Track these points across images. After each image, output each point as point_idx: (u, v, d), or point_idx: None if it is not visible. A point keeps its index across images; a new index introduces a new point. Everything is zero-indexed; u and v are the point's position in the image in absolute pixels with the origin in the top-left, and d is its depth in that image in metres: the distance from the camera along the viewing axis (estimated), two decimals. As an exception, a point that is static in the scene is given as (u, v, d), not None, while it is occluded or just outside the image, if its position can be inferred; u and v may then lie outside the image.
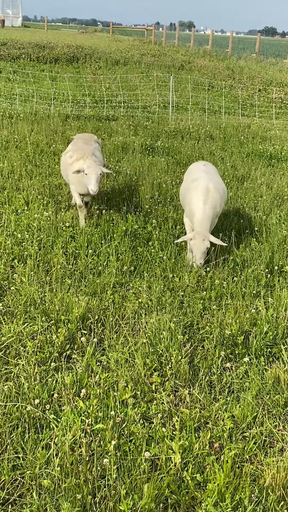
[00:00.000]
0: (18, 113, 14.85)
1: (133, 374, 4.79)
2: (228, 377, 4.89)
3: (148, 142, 12.70)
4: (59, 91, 18.08)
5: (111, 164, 10.77)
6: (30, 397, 4.40)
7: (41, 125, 13.71)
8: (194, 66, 28.96)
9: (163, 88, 20.31)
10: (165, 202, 8.95)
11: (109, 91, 19.00)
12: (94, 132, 13.52)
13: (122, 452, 3.91)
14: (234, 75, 25.00)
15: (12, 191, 8.97)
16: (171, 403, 4.52)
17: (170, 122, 15.54)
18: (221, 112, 17.61)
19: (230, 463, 3.81)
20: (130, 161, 11.15)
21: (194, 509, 3.64)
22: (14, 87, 18.03)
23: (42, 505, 3.53)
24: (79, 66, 26.76)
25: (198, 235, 6.58)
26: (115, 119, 15.75)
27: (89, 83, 20.42)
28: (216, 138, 14.00)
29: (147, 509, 3.49)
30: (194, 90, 20.19)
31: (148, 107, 17.57)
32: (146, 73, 24.00)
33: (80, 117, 15.42)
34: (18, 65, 24.85)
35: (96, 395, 4.45)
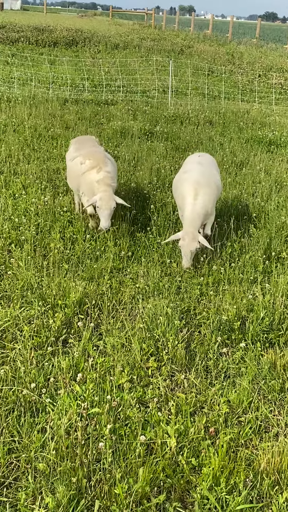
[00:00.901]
0: (16, 97, 14.75)
1: (130, 358, 4.80)
2: (224, 362, 4.89)
3: (147, 127, 12.64)
4: (57, 75, 17.96)
5: (109, 149, 10.72)
6: (26, 381, 4.40)
7: (39, 109, 13.62)
8: (194, 50, 28.77)
9: (162, 72, 20.17)
10: (163, 187, 8.92)
11: (108, 75, 18.88)
12: (93, 117, 13.45)
13: (117, 436, 3.92)
14: (234, 60, 24.84)
15: (10, 175, 8.93)
16: (167, 388, 4.53)
17: (169, 107, 15.46)
18: (221, 97, 17.51)
19: (225, 447, 3.82)
20: (128, 146, 11.10)
21: (189, 493, 3.65)
22: (12, 71, 17.90)
23: (37, 488, 3.54)
24: (78, 50, 26.57)
25: (187, 235, 6.18)
26: (114, 103, 15.66)
27: (88, 67, 20.27)
28: (216, 124, 13.94)
29: (142, 493, 3.50)
30: (193, 75, 20.07)
31: (147, 91, 17.47)
32: (145, 58, 23.84)
33: (78, 101, 15.33)
34: (16, 48, 24.67)
35: (92, 379, 4.46)
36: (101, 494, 3.50)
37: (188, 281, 6.15)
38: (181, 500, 3.61)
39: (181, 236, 6.23)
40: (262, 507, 3.57)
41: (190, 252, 6.18)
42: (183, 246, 6.20)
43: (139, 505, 3.47)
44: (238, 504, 3.47)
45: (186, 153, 11.03)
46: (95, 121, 13.19)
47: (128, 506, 3.42)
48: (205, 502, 3.53)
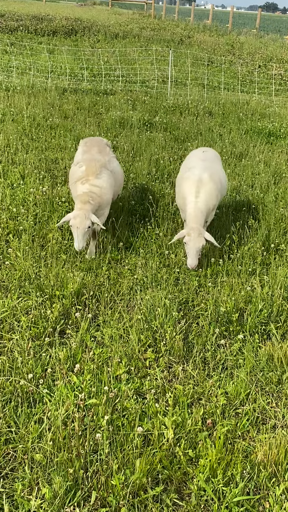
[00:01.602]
0: (14, 86, 14.67)
1: (127, 350, 4.79)
2: (222, 354, 4.88)
3: (146, 117, 12.58)
4: (56, 64, 17.86)
5: (108, 139, 10.66)
6: (23, 372, 4.39)
7: (38, 98, 13.55)
8: (194, 41, 28.62)
9: (162, 62, 20.07)
10: (162, 178, 8.89)
11: (108, 65, 18.78)
12: (92, 107, 13.38)
13: (114, 427, 3.92)
14: (234, 51, 24.71)
15: (8, 164, 8.88)
16: (165, 379, 4.52)
17: (169, 97, 15.38)
18: (220, 88, 17.43)
19: (222, 439, 3.82)
20: (127, 137, 11.05)
21: (185, 484, 3.65)
22: (11, 60, 17.79)
23: (34, 478, 3.54)
24: (77, 39, 26.41)
25: (193, 231, 5.98)
26: (113, 93, 15.58)
27: (87, 56, 20.17)
28: (215, 114, 13.87)
29: (139, 484, 3.50)
30: (193, 65, 19.97)
31: (147, 81, 17.38)
32: (145, 47, 23.72)
33: (77, 90, 15.25)
34: (15, 37, 24.52)
35: (89, 370, 4.45)
36: (98, 485, 3.49)
37: (186, 273, 6.13)
38: (178, 491, 3.61)
39: (186, 232, 6.02)
40: (259, 499, 3.57)
41: (196, 249, 5.95)
42: (189, 242, 5.96)
43: (136, 496, 3.47)
44: (235, 496, 3.47)
45: (185, 143, 11.00)
46: (94, 111, 13.12)
47: (125, 497, 3.41)
48: (202, 494, 3.53)
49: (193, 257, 5.94)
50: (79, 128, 11.24)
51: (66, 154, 9.58)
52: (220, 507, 3.42)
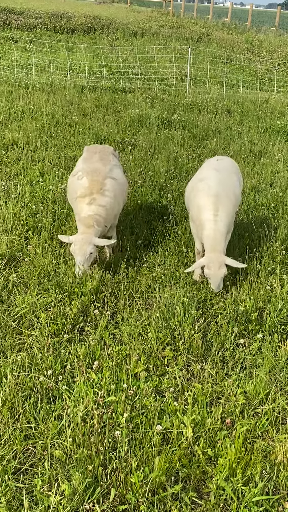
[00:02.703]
0: (34, 84, 14.72)
1: (146, 347, 4.79)
2: (241, 353, 4.87)
3: (165, 115, 12.56)
4: (75, 62, 17.89)
5: (126, 137, 10.67)
6: (43, 368, 4.41)
7: (57, 96, 13.59)
8: (213, 38, 28.52)
9: (180, 60, 20.03)
10: (180, 176, 8.87)
11: (126, 63, 18.77)
12: (110, 104, 13.38)
13: (133, 425, 3.92)
14: (253, 49, 24.59)
15: (27, 162, 8.93)
16: (183, 378, 4.52)
17: (187, 95, 15.34)
18: (239, 86, 17.36)
19: (241, 438, 3.81)
20: (146, 134, 11.04)
21: (204, 483, 3.65)
22: (30, 57, 17.86)
23: (53, 475, 3.55)
24: (96, 37, 26.43)
25: (212, 263, 5.46)
26: (131, 91, 15.58)
27: (106, 54, 20.18)
28: (234, 113, 13.82)
29: (158, 482, 3.50)
30: (212, 63, 19.90)
31: (165, 79, 17.34)
32: (163, 45, 23.68)
33: (96, 88, 15.27)
34: (34, 34, 24.59)
35: (108, 367, 4.46)
36: (117, 482, 3.50)
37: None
38: (197, 490, 3.61)
39: (205, 263, 5.50)
40: (278, 499, 3.55)
41: (219, 280, 5.54)
42: (210, 275, 5.53)
43: (155, 494, 3.47)
44: (254, 495, 3.46)
45: (204, 142, 10.97)
46: (113, 108, 13.13)
47: (144, 495, 3.42)
48: (221, 493, 3.53)
49: (217, 285, 5.58)
50: (98, 126, 11.26)
51: (85, 152, 9.58)
52: (239, 507, 3.42)
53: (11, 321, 5.03)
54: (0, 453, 3.67)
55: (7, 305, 5.27)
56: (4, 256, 5.95)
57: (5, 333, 4.90)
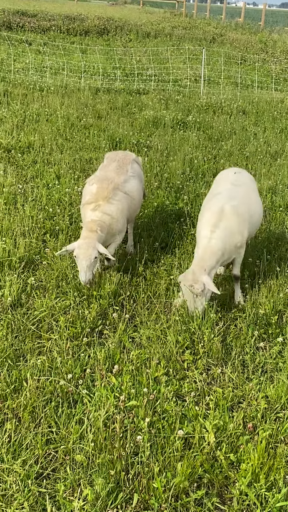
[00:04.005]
0: (48, 86, 14.76)
1: (165, 351, 4.77)
2: (261, 356, 4.83)
3: (179, 116, 12.54)
4: (89, 64, 17.91)
5: (142, 139, 10.65)
6: (62, 372, 4.41)
7: (71, 98, 13.61)
8: (226, 39, 28.44)
9: (194, 61, 20.00)
10: (196, 178, 8.85)
11: (140, 64, 18.77)
12: (125, 106, 13.38)
13: (155, 430, 3.90)
14: (267, 49, 24.50)
15: (43, 165, 8.94)
16: (204, 382, 4.49)
17: (202, 96, 15.31)
18: (254, 86, 17.30)
19: (264, 443, 3.77)
20: (161, 136, 11.03)
21: (227, 488, 3.62)
22: (44, 60, 17.90)
23: (75, 479, 3.55)
24: (109, 39, 26.46)
25: (188, 275, 5.07)
26: (145, 92, 15.58)
27: (120, 56, 20.20)
28: (249, 113, 13.77)
29: (181, 487, 3.48)
30: (226, 63, 19.84)
31: (179, 80, 17.33)
32: (177, 46, 23.65)
33: (110, 90, 15.28)
34: (48, 37, 24.66)
35: (128, 371, 4.45)
36: (140, 487, 3.49)
37: (224, 274, 6.09)
38: (220, 495, 3.59)
39: (181, 278, 5.13)
40: (302, 505, 3.51)
41: (188, 298, 5.06)
42: (182, 288, 5.11)
43: (178, 499, 3.46)
44: (278, 501, 3.43)
45: (219, 143, 10.94)
46: (127, 110, 13.13)
47: (167, 500, 3.40)
48: (244, 498, 3.50)
49: (189, 303, 5.07)
50: (113, 128, 11.26)
51: (100, 154, 9.59)
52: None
53: (30, 324, 5.03)
54: (22, 457, 3.67)
55: (26, 308, 5.28)
56: (22, 260, 5.96)
57: (24, 337, 4.90)
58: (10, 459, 3.65)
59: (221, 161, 9.70)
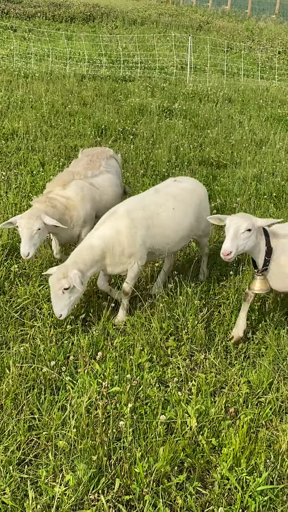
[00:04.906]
0: (33, 73, 14.63)
1: (149, 338, 4.78)
2: (244, 342, 4.85)
3: (165, 104, 12.49)
4: (74, 51, 17.77)
5: (127, 126, 10.60)
6: (46, 359, 4.41)
7: (56, 85, 13.51)
8: (213, 27, 28.30)
9: (180, 49, 19.90)
10: (182, 166, 8.83)
11: (126, 51, 18.65)
12: (111, 93, 13.30)
13: (138, 415, 3.92)
14: (254, 37, 24.43)
15: (28, 152, 8.88)
16: (187, 368, 4.51)
17: (188, 84, 15.25)
18: (240, 74, 17.26)
19: (245, 428, 3.80)
20: (147, 124, 10.99)
21: (209, 473, 3.65)
22: (29, 46, 17.74)
23: (57, 465, 3.55)
24: (95, 26, 26.23)
25: (55, 274, 4.63)
26: (131, 80, 15.49)
27: (106, 42, 20.04)
28: (235, 101, 13.74)
29: (163, 472, 3.50)
30: (212, 51, 19.76)
31: (165, 68, 17.24)
32: (163, 33, 23.52)
33: (96, 77, 15.17)
34: (33, 23, 24.41)
35: (112, 358, 4.45)
36: (122, 472, 3.50)
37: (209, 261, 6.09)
38: (201, 479, 3.61)
39: (54, 269, 4.72)
40: (283, 488, 3.55)
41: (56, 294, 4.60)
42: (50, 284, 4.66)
43: (160, 484, 3.47)
44: (259, 485, 3.46)
45: (205, 131, 10.91)
46: (113, 97, 13.05)
47: (149, 485, 3.42)
48: (225, 482, 3.53)
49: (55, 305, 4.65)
50: (98, 115, 11.19)
51: (85, 141, 9.55)
52: (244, 496, 3.42)
53: (13, 312, 5.02)
54: (4, 444, 3.67)
55: (9, 296, 5.26)
56: (5, 247, 5.93)
57: (7, 324, 4.89)
58: (-8, 446, 3.65)
59: (206, 149, 9.68)
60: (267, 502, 3.43)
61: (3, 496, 3.32)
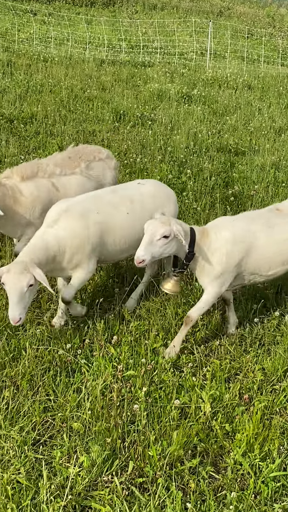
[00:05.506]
0: (52, 57, 14.61)
1: (164, 323, 4.79)
2: (259, 330, 4.85)
3: (184, 90, 12.42)
4: (94, 35, 17.71)
5: (146, 112, 10.56)
6: (62, 342, 4.43)
7: (75, 69, 13.48)
8: (233, 12, 28.03)
9: (201, 34, 19.74)
10: (200, 152, 8.79)
11: (146, 37, 18.54)
12: (130, 79, 13.24)
13: (152, 399, 3.94)
14: (275, 23, 24.18)
15: (46, 136, 8.89)
16: (202, 353, 4.52)
17: (207, 70, 15.16)
18: (260, 61, 17.10)
19: (259, 414, 3.81)
20: (165, 109, 10.94)
21: (222, 458, 3.66)
22: (49, 30, 17.70)
23: (72, 447, 3.59)
24: (115, 10, 26.07)
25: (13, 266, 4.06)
26: (151, 65, 15.41)
27: (125, 27, 19.93)
28: (254, 88, 13.63)
29: (176, 456, 3.52)
30: (232, 37, 19.58)
31: (185, 54, 17.13)
32: (183, 19, 23.33)
33: (115, 62, 15.12)
34: (53, 7, 24.31)
35: (127, 342, 4.47)
36: (135, 455, 3.53)
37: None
38: (214, 464, 3.63)
39: (5, 269, 4.06)
40: (296, 475, 3.56)
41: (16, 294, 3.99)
42: (6, 283, 4.02)
43: (173, 467, 3.50)
44: (272, 471, 3.47)
45: (224, 117, 10.85)
46: (132, 83, 13.00)
47: (162, 468, 3.44)
48: (238, 468, 3.55)
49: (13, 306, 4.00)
50: (117, 100, 11.16)
51: (103, 126, 9.54)
52: (257, 482, 3.43)
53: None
54: (20, 424, 3.71)
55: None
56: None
57: (24, 307, 4.91)
58: (8, 426, 3.70)
59: (225, 136, 9.63)
60: (280, 488, 3.44)
61: (18, 476, 3.36)
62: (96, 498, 3.29)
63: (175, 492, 3.29)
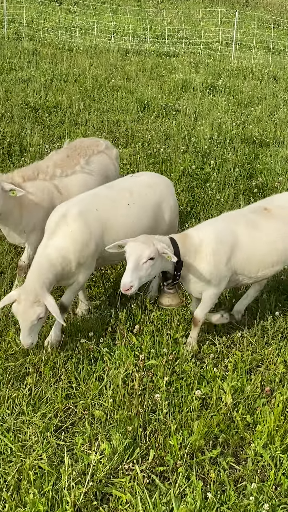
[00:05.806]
0: (77, 46, 14.59)
1: (186, 314, 4.80)
2: (281, 322, 4.83)
3: (209, 80, 12.33)
4: (119, 25, 17.64)
5: (170, 102, 10.52)
6: (84, 330, 4.46)
7: (100, 59, 13.46)
8: (260, 2, 27.70)
9: (226, 24, 19.56)
10: (224, 143, 8.74)
11: (171, 26, 18.43)
12: (154, 69, 13.18)
13: (173, 389, 3.95)
14: (302, 13, 23.86)
15: (70, 125, 8.91)
16: (223, 345, 4.52)
17: (233, 60, 15.03)
18: (286, 52, 16.91)
19: (281, 406, 3.81)
20: (190, 100, 10.88)
21: (242, 449, 3.67)
22: (74, 19, 17.67)
23: (93, 434, 3.62)
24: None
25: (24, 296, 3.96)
26: (176, 55, 15.32)
27: (151, 17, 19.83)
28: (280, 79, 13.49)
29: (197, 446, 3.54)
30: (258, 28, 19.38)
31: (210, 44, 17.00)
32: (209, 8, 23.14)
33: (140, 52, 15.06)
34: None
35: (149, 331, 4.49)
36: (156, 444, 3.55)
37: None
38: (235, 455, 3.64)
39: (16, 296, 4.00)
40: None
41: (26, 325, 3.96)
42: (17, 313, 4.00)
43: (193, 457, 3.51)
44: (293, 463, 3.47)
45: (248, 108, 10.77)
46: (156, 73, 12.95)
47: (182, 458, 3.46)
48: (258, 459, 3.55)
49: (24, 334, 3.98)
50: (141, 90, 11.13)
51: (128, 116, 9.53)
52: (277, 474, 3.43)
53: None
54: (42, 410, 3.76)
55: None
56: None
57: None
58: (30, 412, 3.74)
59: (249, 127, 9.57)
60: (300, 480, 3.44)
61: (40, 461, 3.40)
62: (117, 485, 3.32)
63: (195, 482, 3.31)
